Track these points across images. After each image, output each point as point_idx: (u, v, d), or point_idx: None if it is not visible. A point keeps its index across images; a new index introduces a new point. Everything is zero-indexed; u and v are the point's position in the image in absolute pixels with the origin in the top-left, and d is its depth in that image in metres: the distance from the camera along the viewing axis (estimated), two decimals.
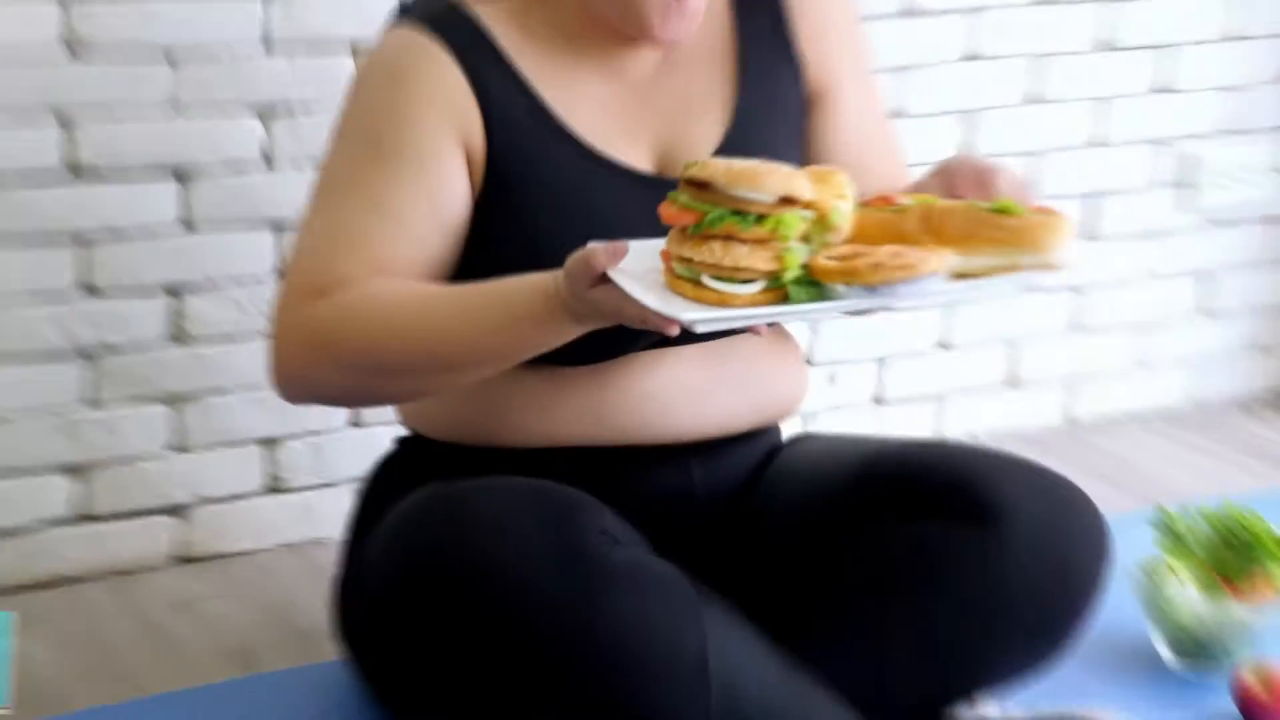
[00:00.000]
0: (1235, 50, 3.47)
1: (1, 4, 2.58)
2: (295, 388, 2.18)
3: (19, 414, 2.73)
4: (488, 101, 2.16)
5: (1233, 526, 2.53)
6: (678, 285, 1.91)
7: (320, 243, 2.14)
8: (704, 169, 1.92)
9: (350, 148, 2.17)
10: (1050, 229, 1.92)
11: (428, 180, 2.13)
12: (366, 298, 2.09)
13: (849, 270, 1.88)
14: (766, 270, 1.90)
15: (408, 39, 2.18)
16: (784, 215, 1.90)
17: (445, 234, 2.15)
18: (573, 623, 1.93)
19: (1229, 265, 3.58)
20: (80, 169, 2.68)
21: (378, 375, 2.12)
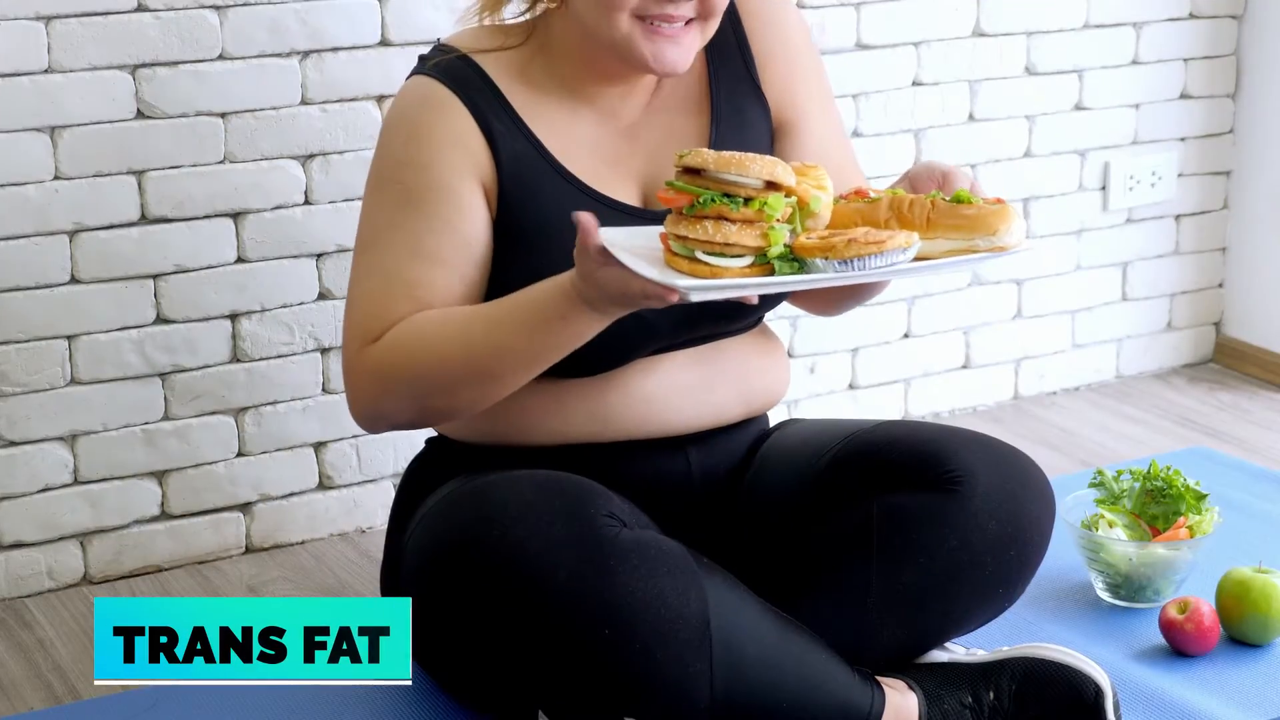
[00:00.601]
0: (1141, 73, 3.51)
1: (85, 83, 2.63)
2: (372, 421, 2.19)
3: (111, 428, 2.76)
4: (495, 144, 2.16)
5: (1157, 482, 2.58)
6: (675, 262, 1.92)
7: (371, 293, 2.14)
8: (696, 156, 1.93)
9: (384, 199, 2.17)
10: (1001, 216, 1.96)
11: (456, 219, 2.14)
12: (411, 330, 2.10)
13: (826, 246, 1.90)
14: (754, 246, 1.91)
15: (425, 91, 2.18)
16: (769, 197, 1.92)
17: (477, 264, 2.16)
18: (587, 594, 1.95)
19: (1145, 257, 3.61)
20: (152, 217, 2.73)
21: (434, 395, 2.11)
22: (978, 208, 1.98)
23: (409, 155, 2.17)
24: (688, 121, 2.28)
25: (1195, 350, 3.73)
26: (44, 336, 2.70)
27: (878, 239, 1.91)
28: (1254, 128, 3.61)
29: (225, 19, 2.72)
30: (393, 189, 2.17)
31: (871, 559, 2.17)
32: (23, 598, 2.75)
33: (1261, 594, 2.42)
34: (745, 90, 2.31)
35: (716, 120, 2.28)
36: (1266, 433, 3.35)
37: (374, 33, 2.82)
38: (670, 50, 2.14)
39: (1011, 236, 1.97)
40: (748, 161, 1.92)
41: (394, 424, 2.21)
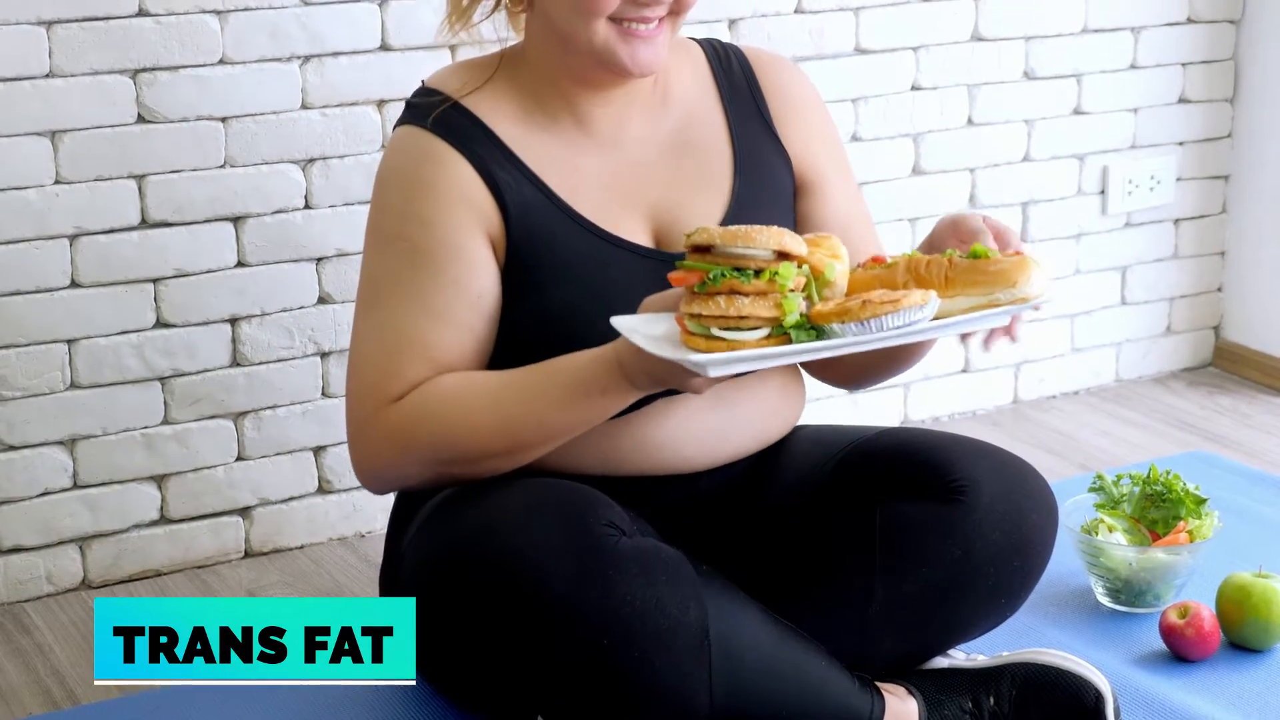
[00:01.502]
0: (1140, 77, 3.51)
1: (85, 87, 2.64)
2: (383, 482, 2.18)
3: (110, 432, 2.76)
4: (500, 194, 2.14)
5: (1157, 486, 2.58)
6: (692, 341, 1.90)
7: (382, 352, 2.11)
8: (703, 233, 1.92)
9: (388, 256, 2.15)
10: (1020, 267, 1.94)
11: (463, 275, 2.12)
12: (438, 397, 2.07)
13: (842, 310, 1.89)
14: (769, 317, 1.89)
15: (420, 145, 2.16)
16: (780, 267, 1.90)
17: (487, 319, 2.14)
18: (586, 602, 1.94)
19: (1144, 261, 3.61)
20: (152, 221, 2.72)
21: (456, 464, 2.09)
22: (995, 261, 1.96)
23: (413, 211, 2.14)
24: (709, 164, 2.27)
25: (1194, 354, 3.73)
26: (44, 340, 2.70)
27: (892, 298, 1.89)
28: (1252, 132, 3.61)
29: (226, 23, 2.71)
30: (397, 246, 2.14)
31: (874, 568, 2.17)
32: (21, 602, 2.75)
33: (1262, 599, 2.42)
34: (764, 138, 2.31)
35: (739, 164, 2.28)
36: (1266, 437, 3.36)
37: (374, 37, 2.82)
38: (645, 51, 2.13)
39: (1033, 287, 1.95)
40: (754, 233, 1.90)
41: (405, 486, 2.21)
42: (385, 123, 2.84)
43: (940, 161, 3.34)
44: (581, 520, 1.99)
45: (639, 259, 2.18)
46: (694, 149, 2.26)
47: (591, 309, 2.10)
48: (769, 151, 2.29)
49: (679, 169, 2.25)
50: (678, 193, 2.23)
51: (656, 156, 2.25)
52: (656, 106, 2.26)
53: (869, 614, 2.18)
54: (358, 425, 2.14)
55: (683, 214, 2.22)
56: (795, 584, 2.22)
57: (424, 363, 2.10)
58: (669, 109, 2.27)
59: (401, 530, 2.23)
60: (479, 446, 2.07)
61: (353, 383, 2.15)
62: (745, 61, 2.33)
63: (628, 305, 2.06)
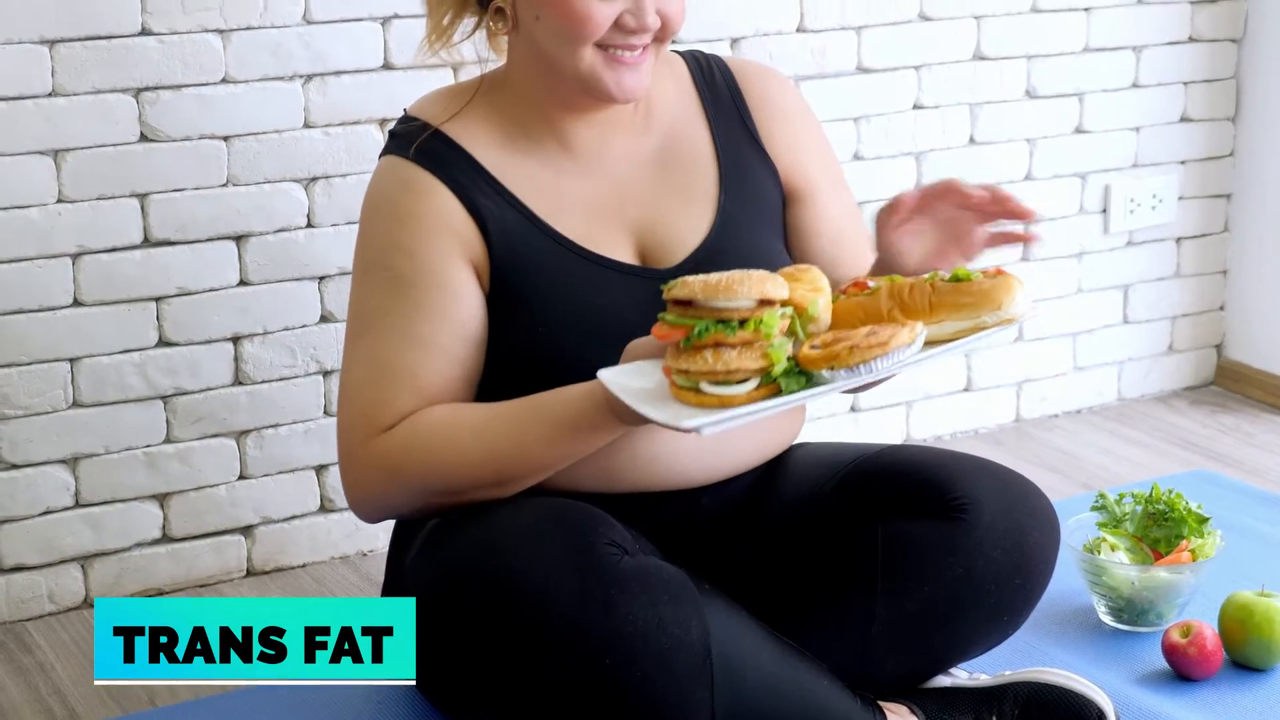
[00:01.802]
0: (1142, 96, 3.52)
1: (88, 106, 2.64)
2: (372, 511, 2.18)
3: (112, 451, 2.76)
4: (483, 220, 2.15)
5: (1159, 505, 2.57)
6: (681, 395, 1.88)
7: (370, 381, 2.12)
8: (683, 287, 1.90)
9: (374, 286, 2.16)
10: (1004, 287, 1.95)
11: (448, 304, 2.13)
12: (426, 429, 2.08)
13: (831, 356, 1.87)
14: (757, 368, 1.87)
15: (402, 174, 2.17)
16: (764, 315, 1.88)
17: (472, 346, 2.15)
18: (588, 622, 1.94)
19: (1146, 280, 3.61)
20: (154, 239, 2.73)
21: (443, 494, 2.10)
22: (979, 283, 1.96)
23: (396, 240, 2.15)
24: (693, 179, 2.27)
25: (1197, 373, 3.73)
26: (46, 359, 2.70)
27: (881, 340, 1.88)
28: (1254, 150, 3.61)
29: (228, 42, 2.72)
30: (381, 275, 2.16)
31: (876, 586, 2.17)
32: (23, 621, 2.75)
33: (1265, 618, 2.42)
34: (750, 149, 2.31)
35: (724, 177, 2.28)
36: (1268, 456, 3.35)
37: (377, 56, 2.83)
38: (630, 77, 2.14)
39: (1017, 307, 1.96)
40: (735, 284, 1.88)
41: (390, 515, 2.22)
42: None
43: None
44: (583, 539, 1.99)
45: (625, 277, 2.18)
46: (678, 164, 2.27)
47: (579, 329, 2.12)
48: (755, 162, 2.30)
49: (663, 185, 2.25)
50: (663, 209, 2.23)
51: (640, 174, 2.25)
52: (639, 124, 2.27)
53: (871, 632, 2.18)
54: (347, 454, 2.15)
55: (668, 230, 2.23)
56: (797, 602, 2.22)
57: (411, 392, 2.11)
58: (652, 125, 2.28)
59: (403, 550, 2.23)
60: (466, 478, 2.08)
61: (342, 412, 2.16)
62: (728, 72, 2.34)
63: (615, 324, 2.08)
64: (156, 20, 2.67)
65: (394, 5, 2.82)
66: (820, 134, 2.38)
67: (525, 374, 2.14)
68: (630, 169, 2.25)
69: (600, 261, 2.18)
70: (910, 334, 1.90)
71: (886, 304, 1.97)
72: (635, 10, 2.11)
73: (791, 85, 2.40)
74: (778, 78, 2.38)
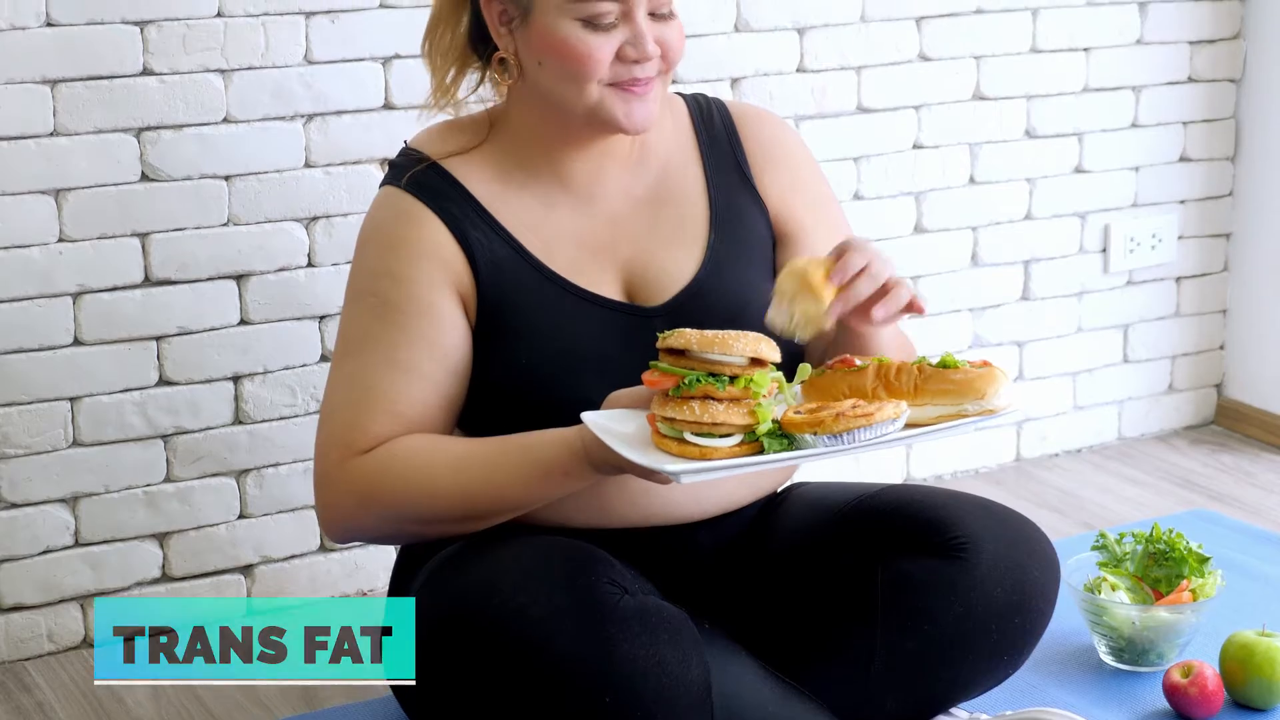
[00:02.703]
0: (1141, 136, 3.52)
1: (90, 145, 2.65)
2: (343, 533, 2.19)
3: (112, 490, 2.76)
4: (472, 252, 2.17)
5: (1159, 545, 2.57)
6: (664, 444, 1.91)
7: (350, 403, 2.13)
8: (679, 337, 1.93)
9: (361, 310, 2.17)
10: (988, 379, 1.97)
11: (432, 332, 2.14)
12: (402, 458, 2.09)
13: (815, 421, 1.90)
14: (742, 424, 1.90)
15: (398, 204, 2.19)
16: (754, 374, 1.92)
17: (454, 375, 2.16)
18: (588, 661, 1.94)
19: (1146, 319, 3.61)
20: (155, 279, 2.73)
21: (416, 523, 2.12)
22: (965, 372, 1.98)
23: (385, 268, 2.17)
24: (684, 218, 2.28)
25: (1197, 412, 3.73)
26: (46, 398, 2.70)
27: (866, 412, 1.91)
28: (1254, 190, 3.61)
29: (229, 82, 2.73)
30: (369, 301, 2.17)
31: (876, 625, 2.17)
32: (23, 660, 2.75)
33: (1266, 658, 2.41)
34: (742, 190, 2.31)
35: (715, 218, 2.28)
36: (1269, 495, 3.35)
37: (378, 96, 2.84)
38: (639, 109, 2.15)
39: (1000, 399, 1.98)
40: (731, 340, 1.91)
41: (364, 539, 2.23)
42: None
43: (942, 220, 3.35)
44: (583, 578, 1.99)
45: (610, 313, 2.20)
46: (670, 203, 2.28)
47: (563, 364, 2.13)
48: (746, 204, 2.30)
49: (654, 223, 2.26)
50: (652, 247, 2.25)
51: (632, 211, 2.26)
52: (635, 161, 2.28)
53: (871, 671, 2.18)
54: (323, 474, 2.15)
55: (657, 268, 2.24)
56: (797, 641, 2.22)
57: (390, 417, 2.12)
58: (647, 163, 2.29)
59: (404, 589, 2.22)
60: (436, 511, 2.09)
61: (321, 432, 2.17)
62: (727, 115, 2.35)
63: (598, 360, 2.10)
64: (158, 60, 2.68)
65: (395, 46, 2.83)
66: (815, 176, 2.38)
67: (508, 406, 2.16)
68: (623, 205, 2.26)
69: (586, 297, 2.19)
70: (895, 410, 1.93)
71: (872, 383, 2.00)
72: (634, 40, 2.13)
73: (788, 128, 2.41)
74: (774, 120, 2.39)
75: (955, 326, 3.40)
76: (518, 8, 2.15)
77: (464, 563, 2.08)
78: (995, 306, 3.45)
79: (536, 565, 2.00)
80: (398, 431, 2.12)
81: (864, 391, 1.99)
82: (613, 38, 2.12)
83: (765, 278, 2.27)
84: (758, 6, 3.11)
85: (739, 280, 2.24)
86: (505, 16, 2.17)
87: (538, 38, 2.14)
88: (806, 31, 3.17)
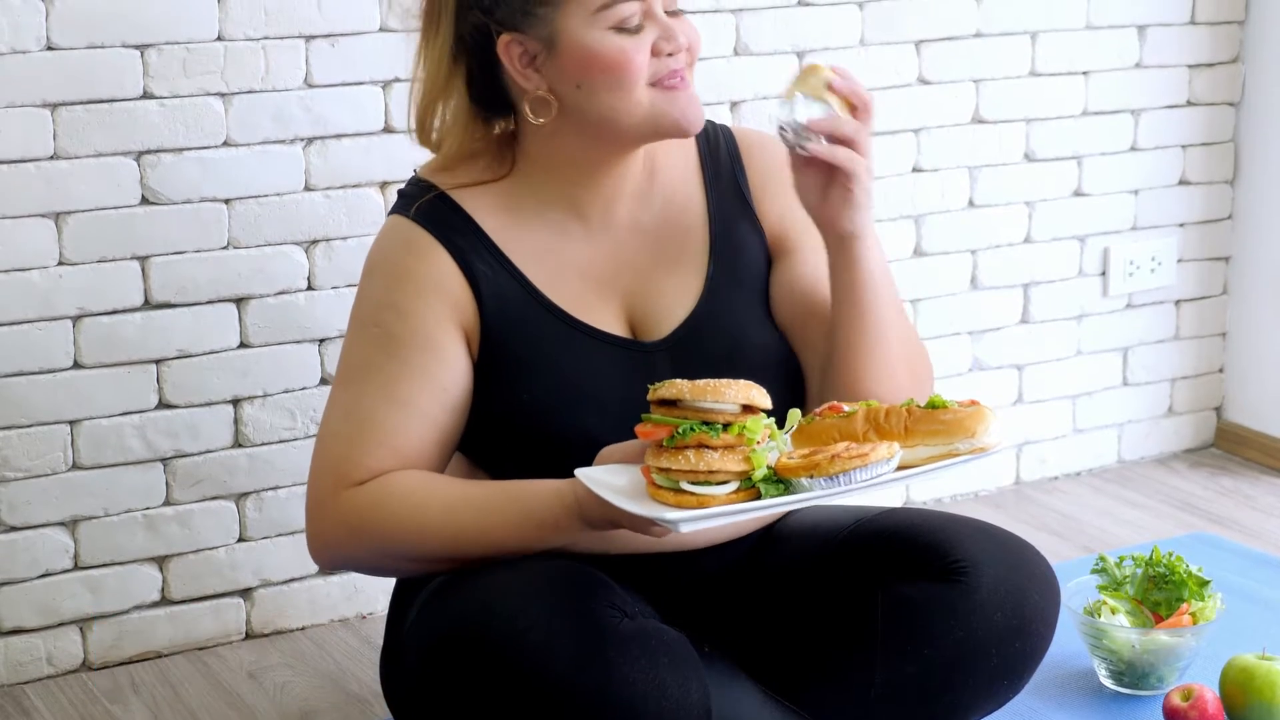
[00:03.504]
0: (1140, 159, 3.53)
1: (90, 169, 2.65)
2: (329, 561, 2.19)
3: (112, 513, 2.76)
4: (478, 285, 2.16)
5: (1159, 568, 2.57)
6: (659, 495, 1.91)
7: (346, 434, 2.13)
8: (671, 388, 1.93)
9: (364, 340, 2.17)
10: (978, 417, 1.98)
11: (434, 367, 2.14)
12: (396, 495, 2.09)
13: (810, 465, 1.91)
14: (738, 471, 1.90)
15: (406, 234, 2.18)
16: (748, 421, 1.92)
17: (452, 411, 2.16)
18: (588, 685, 1.93)
19: (1145, 343, 3.62)
20: (155, 302, 2.73)
21: (404, 559, 2.13)
22: (954, 412, 1.99)
23: (390, 299, 2.17)
24: (683, 247, 2.27)
25: (1196, 435, 3.73)
26: (46, 421, 2.70)
27: (861, 453, 1.92)
28: (1253, 213, 3.62)
29: (230, 106, 2.73)
30: (372, 332, 2.17)
31: (876, 649, 2.16)
32: (22, 684, 2.75)
33: (1265, 681, 2.41)
34: (741, 216, 2.31)
35: (714, 248, 2.28)
36: (1269, 518, 3.35)
37: (378, 120, 2.84)
38: (691, 105, 2.17)
39: (990, 437, 1.98)
40: (723, 388, 1.92)
41: (352, 568, 2.23)
42: (388, 204, 2.86)
43: (941, 243, 3.35)
44: (583, 602, 1.99)
45: (612, 349, 2.20)
46: (673, 233, 2.27)
47: (563, 399, 2.13)
48: (745, 230, 2.30)
49: (656, 254, 2.26)
50: (654, 279, 2.25)
51: (638, 241, 2.26)
52: (644, 190, 2.28)
53: (871, 696, 2.16)
54: (315, 502, 2.15)
55: (657, 300, 2.24)
56: (797, 664, 2.21)
57: (385, 450, 2.12)
58: (654, 192, 2.28)
59: (403, 612, 2.23)
60: (425, 550, 2.09)
61: (316, 459, 2.17)
62: (733, 141, 2.35)
63: (599, 395, 2.10)
64: (158, 84, 2.68)
65: (394, 69, 2.83)
66: None
67: (508, 439, 2.16)
68: (629, 236, 2.26)
69: (589, 332, 2.20)
70: (889, 450, 1.94)
71: (862, 427, 2.00)
72: (665, 34, 2.14)
73: None
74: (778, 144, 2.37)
75: (955, 350, 3.40)
76: (540, 42, 2.14)
77: (464, 586, 2.07)
78: (995, 330, 3.46)
79: (536, 588, 1.99)
80: (392, 465, 2.12)
81: (854, 436, 2.00)
82: (643, 38, 2.12)
83: (760, 305, 2.28)
84: (757, 30, 3.12)
85: (735, 313, 2.24)
86: (527, 56, 2.15)
87: (571, 60, 2.13)
88: (806, 55, 3.17)
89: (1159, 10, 3.49)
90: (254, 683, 2.74)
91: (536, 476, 2.10)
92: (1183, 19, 3.52)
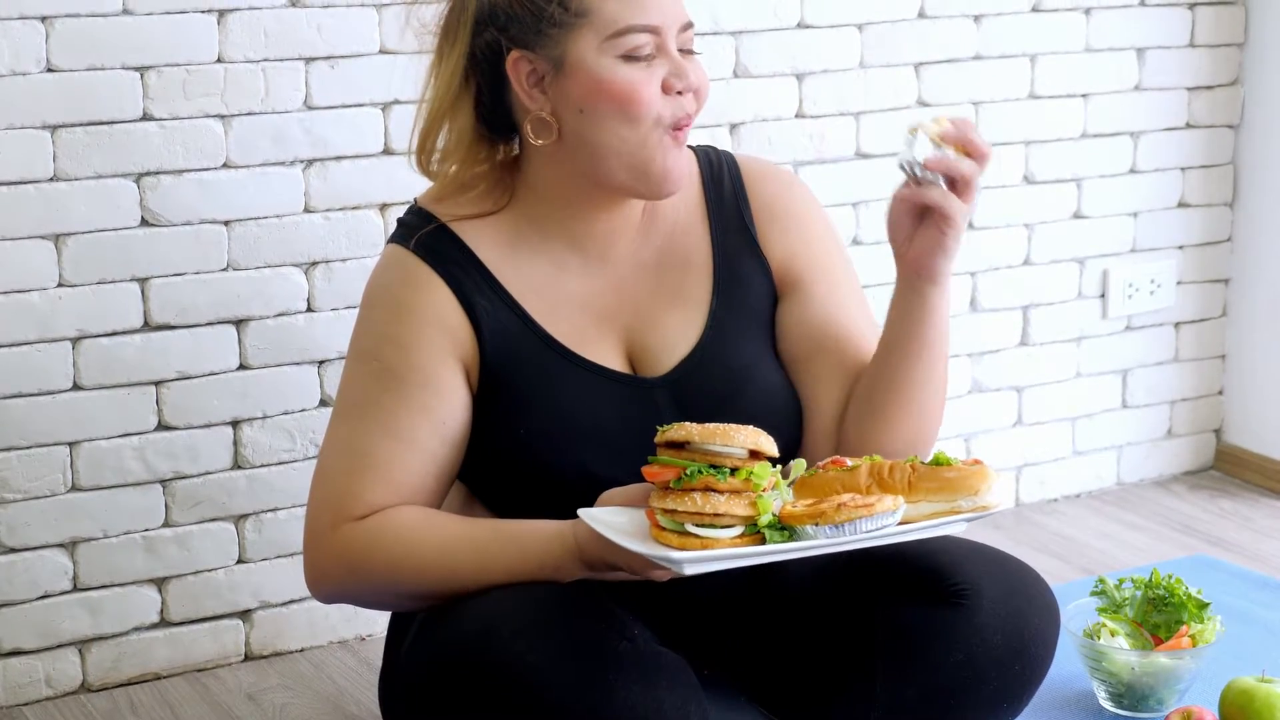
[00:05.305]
0: (1139, 181, 3.53)
1: (89, 191, 2.65)
2: (326, 594, 2.19)
3: (111, 535, 2.75)
4: (477, 319, 2.16)
5: (1159, 590, 2.58)
6: (663, 536, 1.91)
7: (345, 469, 2.13)
8: (679, 430, 1.93)
9: (363, 374, 2.17)
10: (981, 476, 1.99)
11: (432, 402, 2.14)
12: (393, 532, 2.09)
13: (816, 513, 1.91)
14: (744, 515, 1.91)
15: (407, 267, 2.18)
16: (755, 466, 1.93)
17: (450, 445, 2.15)
18: (587, 708, 1.93)
19: (1145, 365, 3.62)
20: (154, 324, 2.73)
21: (400, 597, 2.14)
22: (958, 470, 2.00)
23: (390, 332, 2.17)
24: (686, 281, 2.27)
25: (1196, 457, 3.73)
26: (45, 443, 2.70)
27: (866, 502, 1.93)
28: (1252, 235, 3.62)
29: (229, 127, 2.73)
30: (372, 365, 2.17)
31: (875, 672, 2.16)
32: (20, 706, 2.74)
33: (1265, 704, 2.41)
34: (746, 251, 2.30)
35: (718, 282, 2.27)
36: (1268, 540, 3.35)
37: (377, 141, 2.84)
38: (679, 165, 2.15)
39: (992, 495, 1.99)
40: (732, 432, 1.92)
41: (349, 602, 2.23)
42: (387, 226, 2.86)
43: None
44: (582, 624, 1.99)
45: (611, 384, 2.19)
46: (675, 266, 2.27)
47: (562, 434, 2.13)
48: (749, 266, 2.29)
49: (658, 289, 2.25)
50: (655, 313, 2.24)
51: (639, 275, 2.25)
52: (645, 222, 2.27)
53: (871, 718, 2.16)
54: (313, 536, 2.15)
55: (659, 335, 2.23)
56: (797, 688, 2.21)
57: (384, 485, 2.12)
58: (656, 225, 2.28)
59: (402, 634, 2.23)
60: (422, 587, 2.10)
61: (314, 493, 2.17)
62: (736, 172, 2.33)
63: (597, 431, 2.10)
64: (158, 105, 2.68)
65: (394, 91, 2.83)
66: (822, 231, 2.36)
67: (507, 472, 2.17)
68: (630, 270, 2.25)
69: (588, 367, 2.19)
70: (894, 502, 1.95)
71: (866, 481, 2.01)
72: (676, 71, 2.13)
73: (798, 184, 2.39)
74: (784, 177, 2.38)
75: (954, 372, 3.40)
76: (548, 62, 2.13)
77: (463, 608, 2.06)
78: (994, 352, 3.46)
79: (535, 611, 1.99)
80: (391, 500, 2.12)
81: (858, 489, 2.00)
82: (654, 70, 2.12)
83: (764, 340, 2.28)
84: (757, 52, 3.13)
85: (738, 349, 2.24)
86: (535, 75, 2.15)
87: (577, 85, 2.12)
88: (805, 77, 3.18)
89: (1158, 33, 3.50)
90: (253, 704, 2.73)
91: (533, 510, 2.11)
92: (1182, 41, 3.52)
